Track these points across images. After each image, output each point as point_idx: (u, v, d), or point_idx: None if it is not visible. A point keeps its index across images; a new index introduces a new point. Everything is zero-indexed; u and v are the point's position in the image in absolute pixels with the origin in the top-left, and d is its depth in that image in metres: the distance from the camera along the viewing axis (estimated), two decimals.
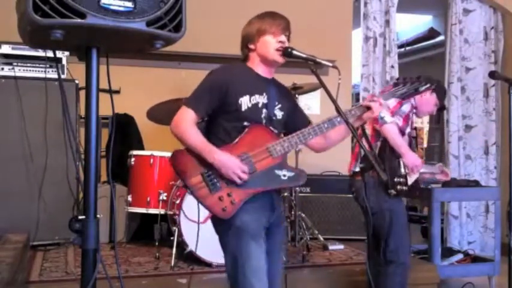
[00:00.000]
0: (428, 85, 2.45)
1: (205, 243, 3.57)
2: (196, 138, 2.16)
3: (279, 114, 2.33)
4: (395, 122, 3.05)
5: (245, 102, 2.21)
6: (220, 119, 2.24)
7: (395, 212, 3.06)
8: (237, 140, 2.20)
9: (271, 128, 2.27)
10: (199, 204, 2.18)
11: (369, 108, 2.30)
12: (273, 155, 2.21)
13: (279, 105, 2.33)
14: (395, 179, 2.94)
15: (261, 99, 2.25)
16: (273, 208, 2.30)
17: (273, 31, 2.26)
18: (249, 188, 2.17)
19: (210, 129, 2.28)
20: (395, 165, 2.99)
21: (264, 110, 2.26)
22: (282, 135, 2.35)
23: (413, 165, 3.05)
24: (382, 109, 2.35)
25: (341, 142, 2.43)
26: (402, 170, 2.97)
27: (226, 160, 2.13)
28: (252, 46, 2.29)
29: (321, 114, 5.24)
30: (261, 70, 2.31)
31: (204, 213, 2.31)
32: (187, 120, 2.18)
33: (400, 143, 3.04)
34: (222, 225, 2.20)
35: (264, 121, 2.26)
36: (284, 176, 2.24)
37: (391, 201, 3.02)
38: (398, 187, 2.94)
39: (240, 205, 2.15)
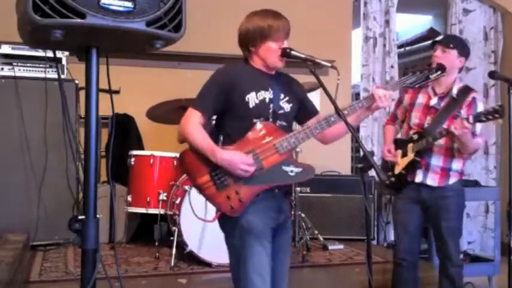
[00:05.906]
0: (439, 72, 2.37)
1: (206, 243, 3.59)
2: (201, 140, 2.17)
3: (286, 107, 2.32)
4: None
5: (252, 98, 2.21)
6: (229, 118, 2.24)
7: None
8: (244, 138, 2.20)
9: (278, 123, 2.27)
10: (207, 202, 2.21)
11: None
12: (280, 152, 2.20)
13: (286, 98, 2.32)
14: None
15: (267, 94, 2.25)
16: (280, 210, 2.31)
17: (276, 37, 2.23)
18: (256, 185, 2.17)
19: (219, 129, 2.28)
20: None
21: (271, 105, 2.26)
22: (294, 127, 2.35)
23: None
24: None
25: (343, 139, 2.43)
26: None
27: (230, 158, 2.13)
28: (253, 49, 2.27)
29: (320, 113, 5.20)
30: (264, 68, 2.31)
31: (212, 212, 2.32)
32: (193, 122, 2.19)
33: None
34: (229, 225, 2.22)
35: (271, 116, 2.26)
36: (292, 171, 2.23)
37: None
38: None
39: (248, 203, 2.16)
